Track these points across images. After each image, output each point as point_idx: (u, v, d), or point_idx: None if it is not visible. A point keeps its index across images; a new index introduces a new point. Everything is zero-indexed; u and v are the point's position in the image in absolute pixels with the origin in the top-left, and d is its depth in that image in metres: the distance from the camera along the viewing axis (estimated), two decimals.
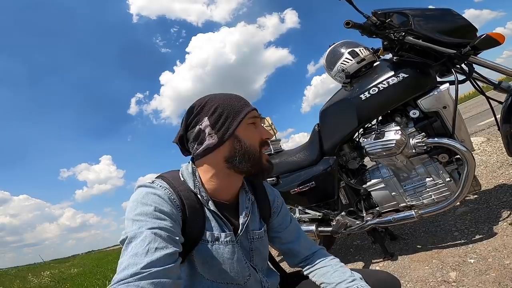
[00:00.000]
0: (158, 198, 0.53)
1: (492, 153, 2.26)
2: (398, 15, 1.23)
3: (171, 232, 0.48)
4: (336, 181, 1.45)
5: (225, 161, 0.61)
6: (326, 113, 1.45)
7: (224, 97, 0.63)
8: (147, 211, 0.49)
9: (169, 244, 0.45)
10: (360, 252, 1.71)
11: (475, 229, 1.40)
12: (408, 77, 1.22)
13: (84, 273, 4.57)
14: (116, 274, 0.41)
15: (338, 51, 1.39)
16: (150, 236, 0.45)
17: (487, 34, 1.13)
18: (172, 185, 0.58)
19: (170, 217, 0.51)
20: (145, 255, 0.42)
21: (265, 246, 0.68)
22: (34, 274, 5.82)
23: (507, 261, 1.07)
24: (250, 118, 0.63)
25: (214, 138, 0.60)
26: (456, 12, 1.24)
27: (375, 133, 1.32)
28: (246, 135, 0.62)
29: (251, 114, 0.63)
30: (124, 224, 0.51)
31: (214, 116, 0.60)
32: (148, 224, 0.47)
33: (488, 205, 1.56)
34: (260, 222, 0.69)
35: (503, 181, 1.75)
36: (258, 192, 0.72)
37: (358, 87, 1.31)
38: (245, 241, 0.64)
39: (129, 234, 0.46)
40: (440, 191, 1.28)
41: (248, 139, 0.62)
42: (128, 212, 0.51)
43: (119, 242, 0.48)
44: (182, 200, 0.56)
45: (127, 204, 0.55)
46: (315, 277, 0.67)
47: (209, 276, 0.57)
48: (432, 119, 1.26)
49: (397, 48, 1.25)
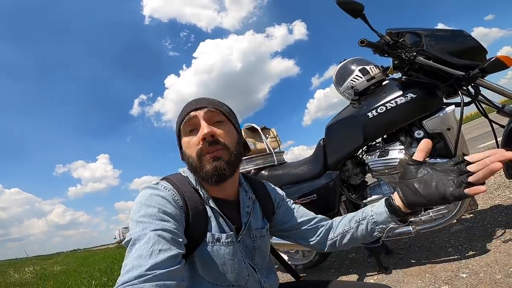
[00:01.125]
0: (162, 199, 0.53)
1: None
2: (410, 35, 1.23)
3: (175, 233, 0.48)
4: (338, 195, 1.46)
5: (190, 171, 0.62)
6: (333, 129, 1.45)
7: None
8: (151, 213, 0.49)
9: (172, 246, 0.45)
10: (355, 265, 1.73)
11: (468, 245, 1.44)
12: (416, 98, 1.22)
13: (68, 271, 4.44)
14: (121, 276, 0.40)
15: (349, 68, 1.38)
16: (154, 237, 0.44)
17: (497, 57, 1.13)
18: (176, 186, 0.57)
19: (173, 219, 0.51)
20: (149, 257, 0.42)
21: (266, 244, 0.68)
22: (15, 269, 5.61)
23: (498, 276, 1.10)
24: (185, 124, 0.59)
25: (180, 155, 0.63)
26: (467, 33, 1.25)
27: (379, 151, 1.33)
28: (185, 145, 0.60)
29: (185, 120, 0.59)
30: (129, 225, 0.51)
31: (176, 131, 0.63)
32: (152, 225, 0.47)
33: (483, 223, 1.60)
34: (262, 220, 0.69)
35: (499, 202, 1.80)
36: (258, 191, 0.71)
37: (366, 105, 1.31)
38: (247, 240, 0.63)
39: (133, 236, 0.46)
40: (438, 209, 1.30)
41: (187, 148, 0.60)
42: (133, 214, 0.51)
43: (123, 244, 0.48)
44: (186, 201, 0.56)
45: (131, 205, 0.55)
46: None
47: (209, 278, 0.57)
48: (435, 140, 1.27)
49: (406, 68, 1.25)
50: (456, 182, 0.45)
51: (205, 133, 0.56)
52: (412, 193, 0.51)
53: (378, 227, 0.61)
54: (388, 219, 0.59)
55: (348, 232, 0.68)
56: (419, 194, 0.50)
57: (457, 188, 0.45)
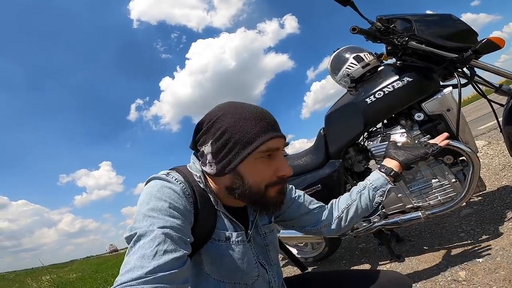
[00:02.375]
0: (173, 193, 0.50)
1: (494, 156, 2.29)
2: (401, 21, 1.26)
3: (182, 232, 0.46)
4: (343, 184, 1.47)
5: (225, 188, 0.57)
6: (332, 117, 1.47)
7: (238, 117, 0.53)
8: (161, 207, 0.47)
9: (178, 247, 0.44)
10: (366, 254, 1.71)
11: (480, 229, 1.42)
12: (412, 81, 1.25)
13: (84, 278, 4.53)
14: (120, 275, 0.40)
15: (343, 56, 1.42)
16: (160, 236, 0.43)
17: (488, 38, 1.16)
18: (187, 179, 0.55)
19: (183, 215, 0.49)
20: (152, 257, 0.40)
21: (276, 238, 0.69)
22: (32, 278, 5.75)
23: None
24: (263, 151, 0.53)
25: (214, 168, 0.55)
26: (456, 17, 1.28)
27: (381, 136, 1.34)
28: (251, 171, 0.54)
29: (265, 146, 0.53)
30: (133, 218, 0.48)
31: (218, 143, 0.53)
32: (160, 222, 0.45)
33: (492, 206, 1.58)
34: (268, 216, 0.68)
35: (506, 183, 1.77)
36: None
37: (363, 91, 1.33)
38: (258, 238, 0.63)
39: (139, 231, 0.44)
40: (446, 192, 1.29)
41: (253, 176, 0.54)
42: (140, 205, 0.48)
43: (125, 238, 0.46)
44: (196, 195, 0.54)
45: (140, 196, 0.51)
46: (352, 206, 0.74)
47: (216, 275, 0.55)
48: (436, 121, 1.28)
49: (400, 53, 1.28)
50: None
51: (288, 174, 0.56)
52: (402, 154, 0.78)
53: (379, 191, 0.72)
54: (385, 181, 0.73)
55: (352, 205, 0.73)
56: (407, 153, 0.77)
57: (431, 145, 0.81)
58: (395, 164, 0.77)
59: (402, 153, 0.78)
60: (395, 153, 0.78)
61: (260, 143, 0.52)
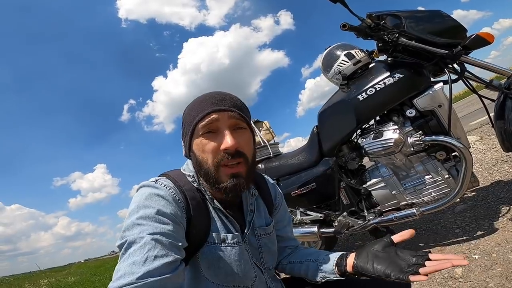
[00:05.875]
0: (161, 199, 0.50)
1: (486, 151, 2.31)
2: (391, 18, 1.27)
3: (173, 237, 0.46)
4: (337, 182, 1.46)
5: (198, 176, 0.58)
6: (325, 115, 1.47)
7: (192, 104, 0.58)
8: (150, 214, 0.47)
9: (170, 252, 0.43)
10: None
11: (476, 225, 1.42)
12: (403, 77, 1.25)
13: (82, 281, 4.50)
14: (112, 282, 0.40)
15: (334, 53, 1.42)
16: (150, 242, 0.43)
17: (477, 34, 1.17)
18: (177, 184, 0.55)
19: (173, 221, 0.48)
20: (143, 263, 0.40)
21: (273, 242, 0.66)
22: (30, 282, 5.69)
23: (511, 256, 1.09)
24: (204, 125, 0.54)
25: (184, 151, 0.58)
26: (445, 13, 1.29)
27: (373, 133, 1.34)
28: (199, 149, 0.55)
29: (204, 121, 0.53)
30: (123, 226, 0.48)
31: (182, 126, 0.60)
32: (150, 229, 0.45)
33: (486, 201, 1.58)
34: (267, 217, 0.67)
35: (499, 178, 1.78)
36: (261, 186, 0.68)
37: (355, 88, 1.33)
38: (252, 239, 0.62)
39: (129, 239, 0.44)
40: (440, 188, 1.29)
41: (201, 153, 0.54)
42: (130, 214, 0.48)
43: (117, 246, 0.46)
44: (188, 200, 0.54)
45: (129, 205, 0.51)
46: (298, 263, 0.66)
47: (215, 279, 0.55)
48: (428, 117, 1.28)
49: (391, 50, 1.28)
50: (407, 269, 0.48)
51: (229, 146, 0.52)
52: (366, 260, 0.53)
53: (322, 274, 0.60)
54: (331, 271, 0.59)
55: (296, 264, 0.67)
56: (371, 264, 0.52)
57: (404, 273, 0.47)
58: (352, 263, 0.57)
59: (371, 260, 0.54)
60: (365, 253, 0.55)
61: (200, 119, 0.54)
